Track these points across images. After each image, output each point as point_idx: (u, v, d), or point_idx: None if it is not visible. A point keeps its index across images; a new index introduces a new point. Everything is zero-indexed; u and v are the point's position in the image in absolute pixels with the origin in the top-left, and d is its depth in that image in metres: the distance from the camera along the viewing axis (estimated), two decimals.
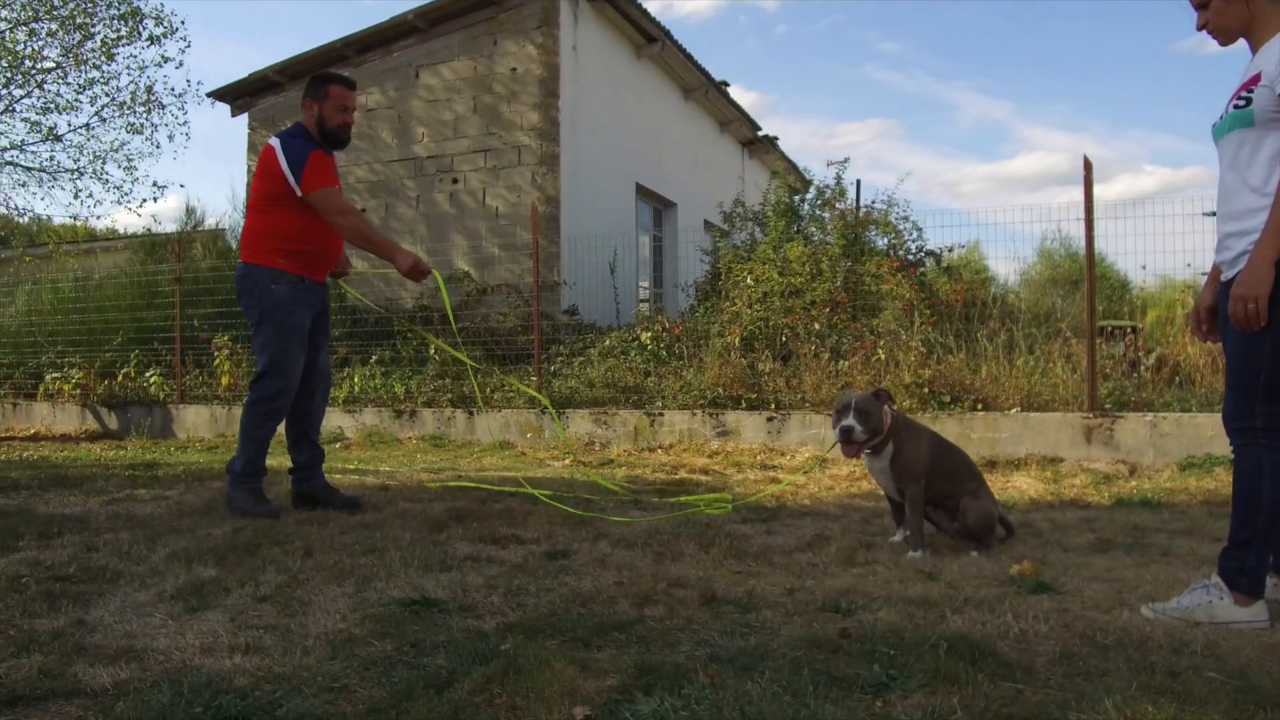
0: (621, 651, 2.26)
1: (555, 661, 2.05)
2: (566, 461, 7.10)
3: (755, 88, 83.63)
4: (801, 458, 6.94)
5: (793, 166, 21.10)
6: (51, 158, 14.44)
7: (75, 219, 15.11)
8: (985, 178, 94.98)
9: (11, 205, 14.84)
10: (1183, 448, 6.20)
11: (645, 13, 13.19)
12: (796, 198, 11.94)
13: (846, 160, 12.00)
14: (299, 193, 4.24)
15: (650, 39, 13.87)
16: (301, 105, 4.52)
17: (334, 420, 9.22)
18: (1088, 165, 6.45)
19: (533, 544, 3.70)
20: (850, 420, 3.42)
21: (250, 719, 1.82)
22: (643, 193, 14.60)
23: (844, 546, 3.56)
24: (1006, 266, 38.13)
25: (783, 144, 19.66)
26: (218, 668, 2.18)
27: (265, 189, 4.34)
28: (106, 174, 14.83)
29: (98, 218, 15.17)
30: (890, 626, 2.41)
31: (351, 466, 6.67)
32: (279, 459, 5.06)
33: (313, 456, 4.69)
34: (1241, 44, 2.67)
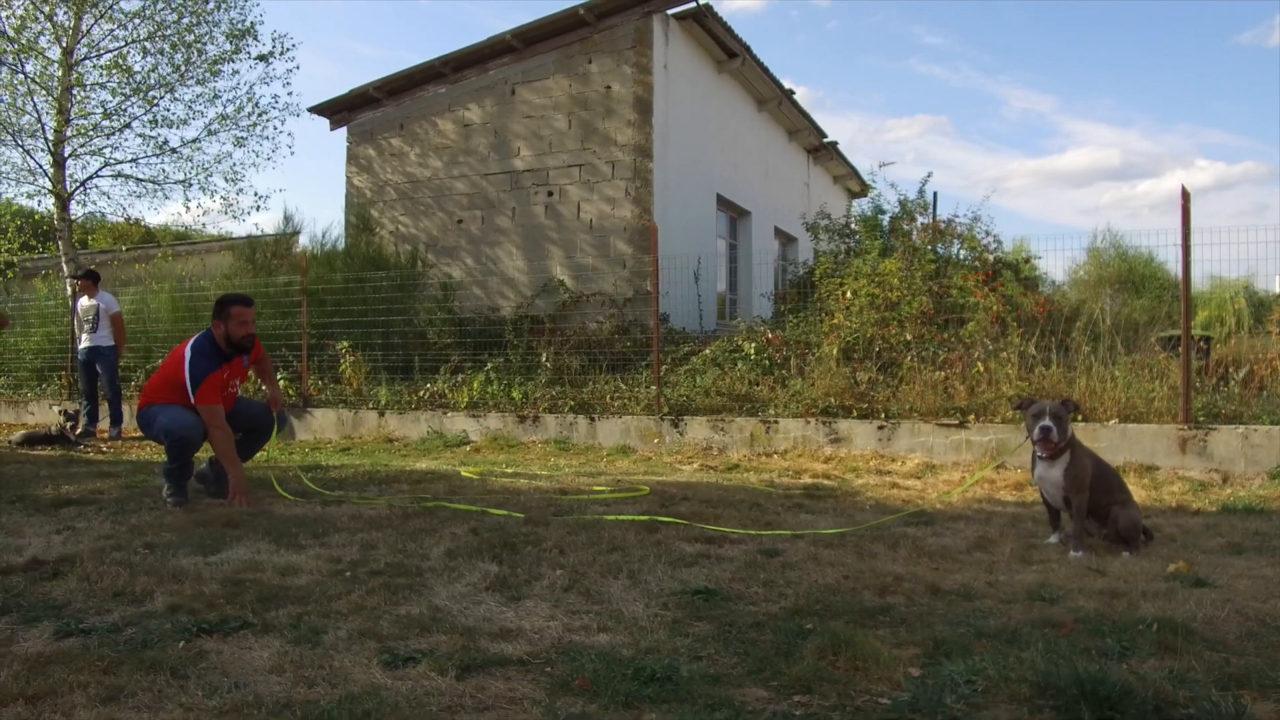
0: (894, 631, 2.92)
1: (868, 637, 2.72)
2: (695, 465, 7.78)
3: (803, 83, 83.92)
4: (912, 464, 7.57)
5: (853, 171, 21.66)
6: (162, 169, 15.27)
7: (187, 229, 15.95)
8: (1032, 173, 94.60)
9: (126, 214, 15.68)
10: (1273, 458, 6.75)
11: (729, 30, 13.83)
12: (866, 203, 12.51)
13: (930, 174, 12.71)
14: (192, 400, 5.68)
15: (731, 54, 14.51)
16: (211, 323, 5.88)
17: (459, 424, 9.96)
18: (1185, 195, 7.01)
19: (741, 544, 4.38)
20: (1049, 422, 4.10)
21: (670, 679, 2.49)
22: (721, 203, 15.24)
23: (1014, 548, 4.21)
24: (1054, 264, 38.37)
25: (832, 139, 19.90)
26: (596, 643, 2.85)
27: (172, 375, 5.80)
28: (213, 185, 15.68)
29: (203, 226, 15.90)
30: (1097, 611, 3.07)
31: (510, 470, 7.39)
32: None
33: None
34: None
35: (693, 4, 12.63)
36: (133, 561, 4.02)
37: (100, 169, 14.91)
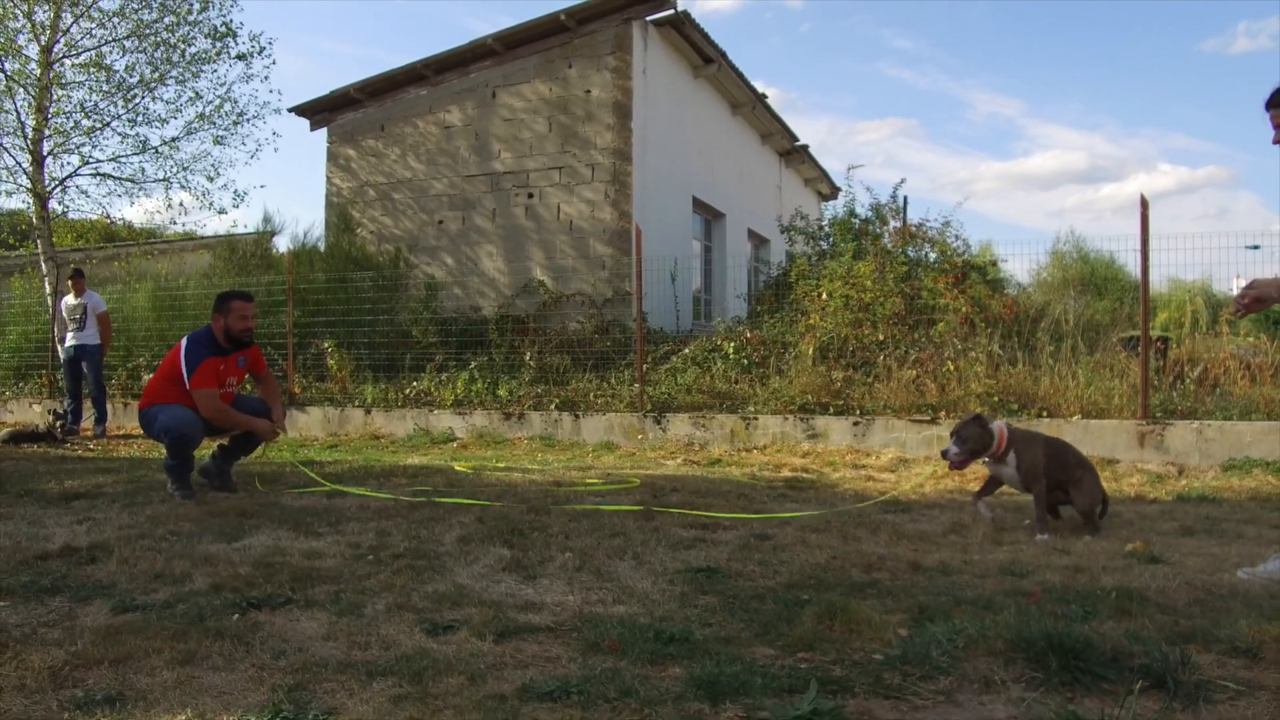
0: (882, 600, 3.24)
1: (859, 605, 3.03)
2: (679, 460, 8.09)
3: (776, 84, 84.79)
4: (886, 458, 7.93)
5: (824, 175, 22.09)
6: (141, 168, 15.31)
7: (173, 223, 15.99)
8: (999, 176, 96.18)
9: (105, 212, 15.69)
10: (1225, 451, 7.18)
11: (706, 36, 14.17)
12: (840, 206, 12.93)
13: (903, 180, 13.03)
14: (188, 386, 5.90)
15: (707, 60, 14.84)
16: (211, 318, 6.12)
17: (444, 421, 10.21)
18: (1144, 204, 7.42)
19: (733, 529, 4.69)
20: (950, 445, 4.60)
21: (687, 640, 2.79)
22: (697, 205, 15.57)
23: (986, 531, 4.57)
24: (1018, 266, 39.17)
25: (804, 142, 20.22)
26: (614, 613, 3.15)
27: (170, 370, 6.03)
28: (194, 184, 15.72)
29: (183, 225, 15.98)
30: (1062, 583, 3.41)
31: (501, 465, 7.66)
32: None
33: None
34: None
35: (671, 11, 12.94)
36: (162, 548, 4.25)
37: (79, 168, 14.95)
